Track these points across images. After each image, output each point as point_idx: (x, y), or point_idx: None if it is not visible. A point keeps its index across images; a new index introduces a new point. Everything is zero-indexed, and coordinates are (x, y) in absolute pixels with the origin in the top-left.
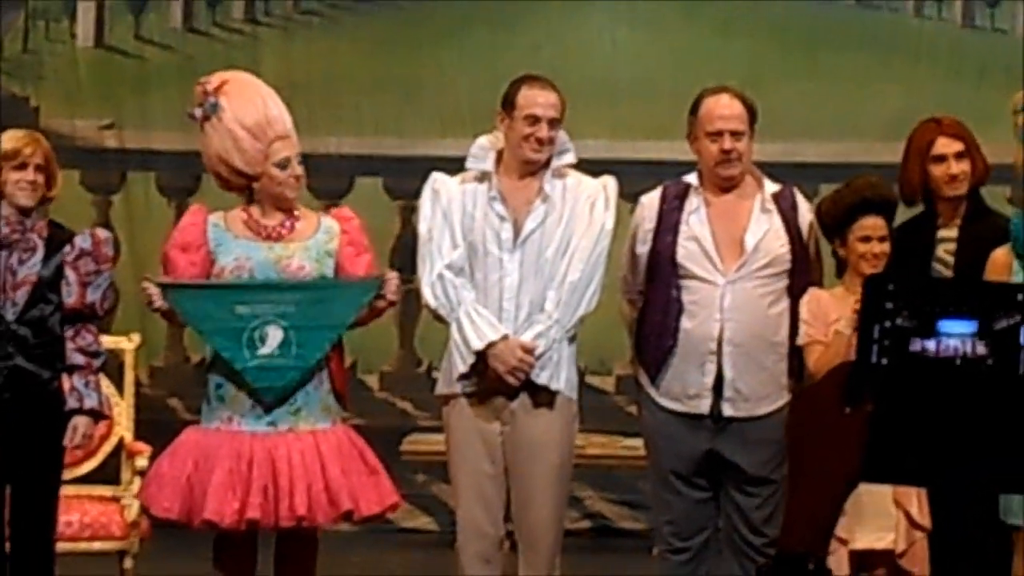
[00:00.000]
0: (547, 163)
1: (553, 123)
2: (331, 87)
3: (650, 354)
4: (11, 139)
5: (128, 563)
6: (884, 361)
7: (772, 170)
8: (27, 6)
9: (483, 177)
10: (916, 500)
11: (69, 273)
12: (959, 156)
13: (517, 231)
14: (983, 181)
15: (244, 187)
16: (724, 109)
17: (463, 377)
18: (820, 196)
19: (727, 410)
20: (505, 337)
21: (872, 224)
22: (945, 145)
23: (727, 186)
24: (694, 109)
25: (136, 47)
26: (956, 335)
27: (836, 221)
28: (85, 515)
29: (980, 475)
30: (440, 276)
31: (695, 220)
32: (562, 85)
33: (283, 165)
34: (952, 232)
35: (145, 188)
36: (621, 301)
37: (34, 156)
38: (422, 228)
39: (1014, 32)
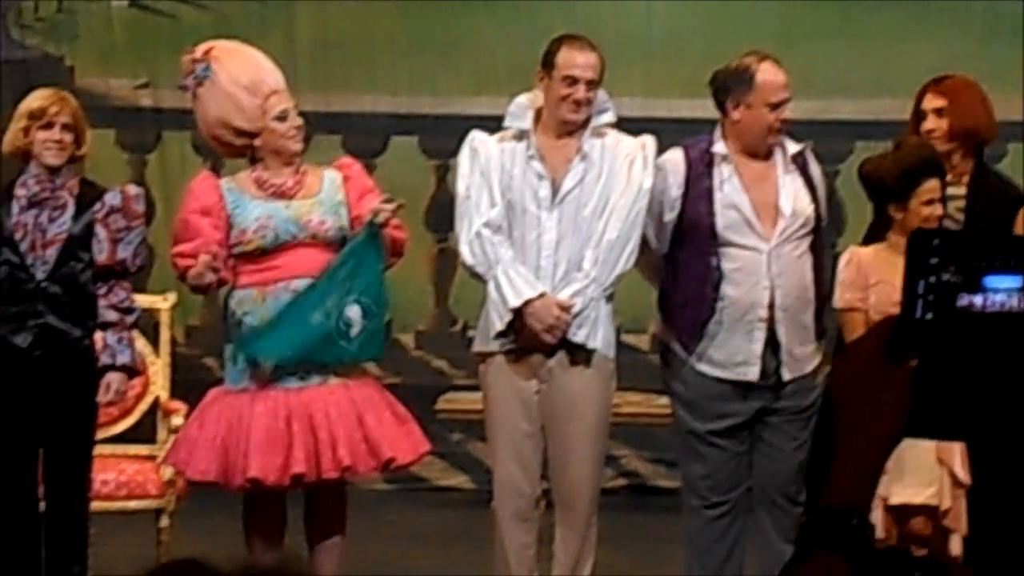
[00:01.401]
0: (586, 122)
1: (591, 84)
2: (366, 46)
3: (686, 322)
4: (38, 98)
5: (164, 522)
6: (929, 316)
7: (806, 128)
8: None
9: (521, 136)
10: (959, 457)
11: (99, 230)
12: (938, 113)
13: (555, 190)
14: (982, 139)
15: (246, 148)
16: (782, 78)
17: (500, 335)
18: (855, 154)
19: (786, 374)
20: (543, 295)
21: (935, 187)
22: (928, 101)
23: (764, 152)
24: (745, 79)
25: (171, 6)
26: (1003, 290)
27: (898, 183)
28: (121, 474)
29: None
30: (478, 234)
31: (730, 188)
32: (596, 43)
33: (283, 117)
34: (960, 190)
35: (180, 147)
36: (640, 264)
37: (60, 115)
38: (460, 186)
39: None
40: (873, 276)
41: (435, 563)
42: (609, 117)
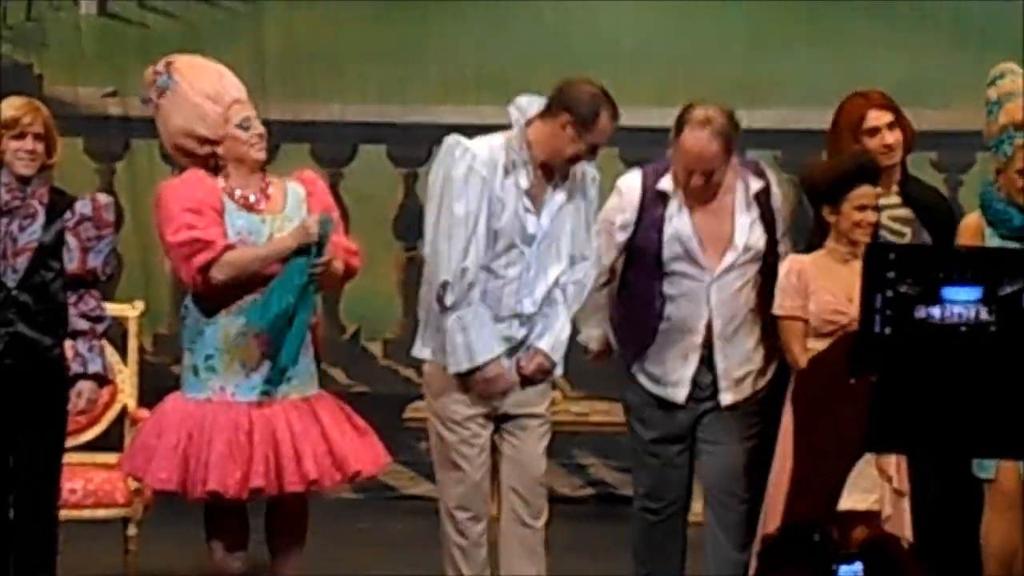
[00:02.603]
0: None
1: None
2: (334, 55)
3: (632, 336)
4: (10, 107)
5: (132, 530)
6: (887, 330)
7: (774, 137)
8: None
9: (513, 165)
10: (896, 467)
11: (70, 239)
12: (891, 126)
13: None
14: (911, 148)
15: (210, 156)
16: (698, 148)
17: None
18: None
19: (727, 398)
20: (498, 358)
21: (868, 193)
22: (876, 118)
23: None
24: (674, 134)
25: (139, 15)
26: (960, 302)
27: (831, 188)
28: (89, 483)
29: (986, 442)
30: (464, 270)
31: (679, 221)
32: (564, 51)
33: (245, 126)
34: (892, 199)
35: (149, 156)
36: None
37: (33, 125)
38: (458, 208)
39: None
40: (812, 284)
41: (405, 570)
42: (587, 168)
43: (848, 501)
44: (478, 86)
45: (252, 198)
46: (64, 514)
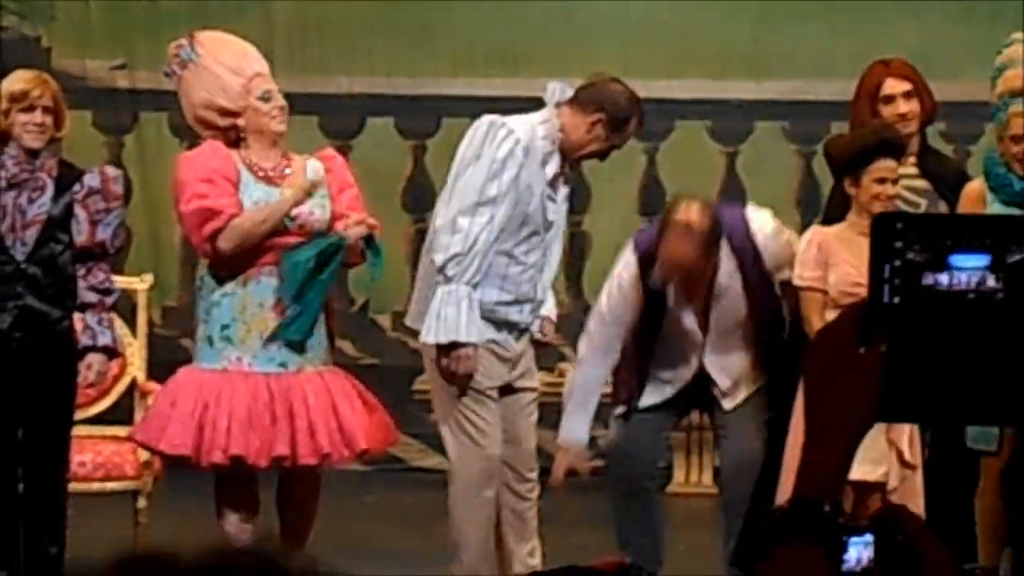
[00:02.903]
0: None
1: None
2: (343, 28)
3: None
4: (19, 80)
5: (141, 503)
6: (896, 300)
7: (783, 108)
8: None
9: (547, 157)
10: (907, 438)
11: (79, 211)
12: (907, 96)
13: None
14: (931, 119)
15: (231, 128)
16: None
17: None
18: (830, 134)
19: (728, 405)
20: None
21: (888, 166)
22: (893, 86)
23: None
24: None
25: None
26: (968, 269)
27: (852, 161)
28: (98, 455)
29: (993, 410)
30: (477, 250)
31: (674, 306)
32: (573, 25)
33: (266, 98)
34: (910, 170)
35: (157, 128)
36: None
37: (42, 98)
38: (491, 189)
39: None
40: (833, 256)
41: (414, 543)
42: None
43: (857, 472)
44: (487, 59)
45: (273, 169)
46: (74, 487)
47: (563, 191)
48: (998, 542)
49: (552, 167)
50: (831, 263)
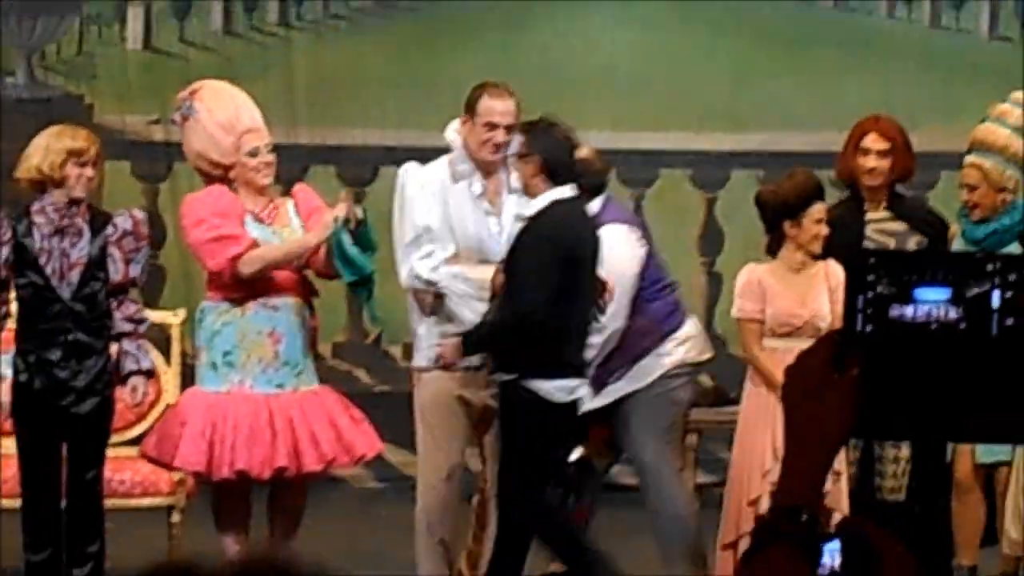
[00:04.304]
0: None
1: (509, 129)
2: (357, 84)
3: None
4: (77, 138)
5: (175, 517)
6: (868, 328)
7: (757, 159)
8: (82, 12)
9: (459, 175)
10: None
11: (114, 251)
12: (881, 153)
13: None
14: (904, 178)
15: (223, 177)
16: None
17: None
18: None
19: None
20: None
21: (824, 208)
22: (873, 140)
23: None
24: None
25: (180, 49)
26: (931, 301)
27: (795, 204)
28: (136, 474)
29: (959, 429)
30: (435, 268)
31: None
32: (566, 81)
33: (253, 153)
34: (881, 214)
35: (190, 177)
36: None
37: (95, 155)
38: (418, 219)
39: (978, 31)
40: (769, 291)
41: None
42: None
43: None
44: None
45: (261, 213)
46: (114, 503)
47: (510, 201)
48: (975, 542)
49: (478, 184)
50: (768, 296)
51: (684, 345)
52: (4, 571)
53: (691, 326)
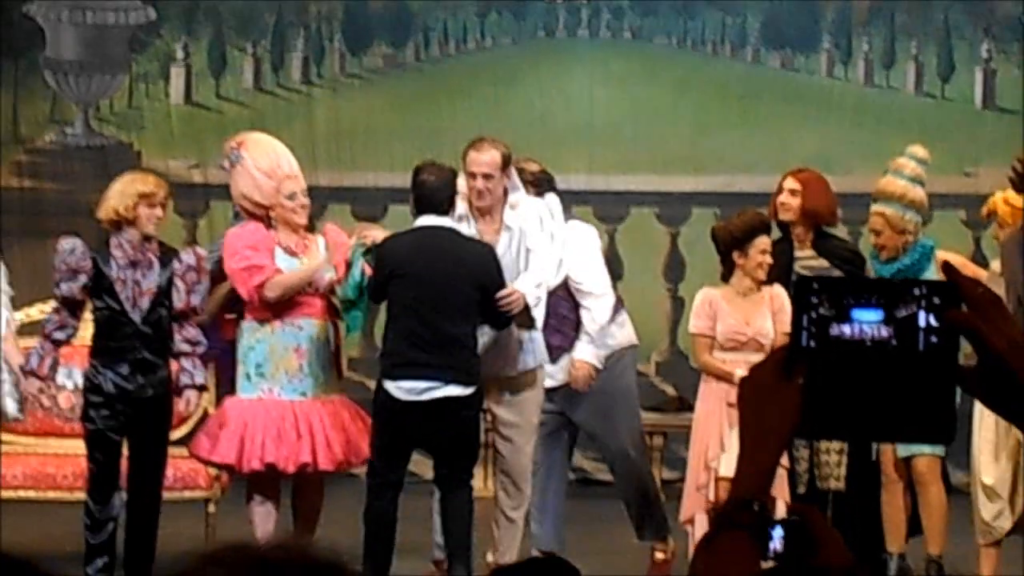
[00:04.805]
0: (505, 198)
1: (487, 177)
2: (369, 134)
3: None
4: (148, 183)
5: (211, 508)
6: (811, 344)
7: (715, 198)
8: (131, 71)
9: (460, 219)
10: None
11: (179, 283)
12: (792, 192)
13: None
14: (819, 221)
15: (264, 216)
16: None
17: None
18: None
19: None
20: None
21: (768, 242)
22: (788, 183)
23: None
24: None
25: (216, 103)
26: (866, 321)
27: (739, 239)
28: (178, 470)
29: (888, 430)
30: None
31: None
32: (549, 130)
33: (291, 197)
34: (807, 252)
35: (224, 213)
36: None
37: (164, 197)
38: None
39: (905, 89)
40: (720, 311)
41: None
42: (519, 195)
43: (733, 468)
44: None
45: (294, 247)
46: None
47: (503, 240)
48: (902, 531)
49: (472, 227)
50: (719, 316)
51: (624, 329)
52: (64, 555)
53: (626, 314)
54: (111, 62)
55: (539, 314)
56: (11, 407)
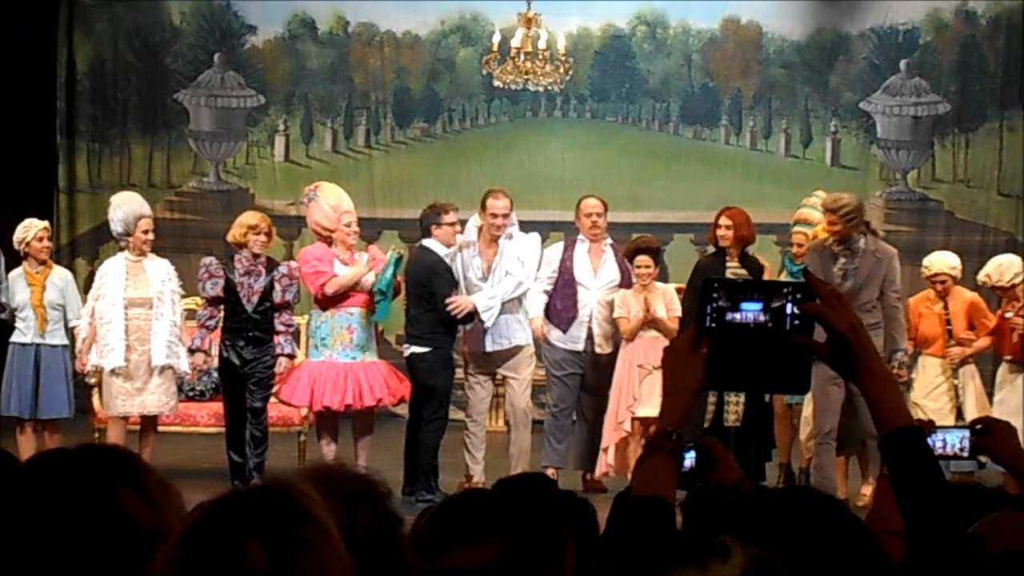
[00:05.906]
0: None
1: (505, 216)
2: (411, 183)
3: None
4: (254, 218)
5: (302, 439)
6: (713, 325)
7: (649, 228)
8: (248, 139)
9: (469, 244)
10: None
11: (278, 285)
12: (727, 227)
13: (487, 271)
14: (746, 244)
15: (328, 237)
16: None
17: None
18: (673, 242)
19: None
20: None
21: (646, 259)
22: (723, 219)
23: None
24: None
25: (306, 160)
26: (751, 310)
27: (629, 256)
28: (279, 412)
29: (764, 384)
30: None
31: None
32: (534, 184)
33: (348, 225)
34: (734, 263)
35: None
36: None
37: (267, 228)
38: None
39: (778, 152)
40: (631, 303)
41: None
42: (514, 230)
43: (645, 411)
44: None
45: (347, 260)
46: None
47: (499, 266)
48: (786, 448)
49: (479, 259)
50: (629, 307)
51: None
52: (201, 471)
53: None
54: (234, 132)
55: (490, 316)
56: (187, 368)
